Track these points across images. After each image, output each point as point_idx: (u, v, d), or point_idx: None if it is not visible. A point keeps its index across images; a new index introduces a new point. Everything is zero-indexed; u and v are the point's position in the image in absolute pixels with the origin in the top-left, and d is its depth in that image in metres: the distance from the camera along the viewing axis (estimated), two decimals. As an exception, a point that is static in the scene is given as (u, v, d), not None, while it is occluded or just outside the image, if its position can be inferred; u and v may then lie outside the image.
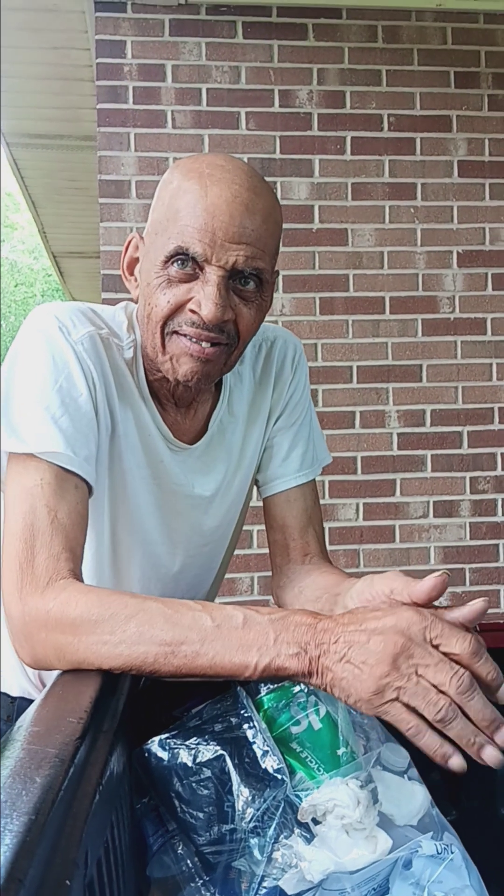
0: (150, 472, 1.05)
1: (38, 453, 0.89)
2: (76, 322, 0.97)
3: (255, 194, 0.93)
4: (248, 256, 0.92)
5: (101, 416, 0.97)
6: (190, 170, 0.94)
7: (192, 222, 0.91)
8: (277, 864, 0.74)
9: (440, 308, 3.04)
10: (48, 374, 0.93)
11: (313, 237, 3.00)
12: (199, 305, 0.92)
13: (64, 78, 3.62)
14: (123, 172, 2.93)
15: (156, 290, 0.95)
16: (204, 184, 0.91)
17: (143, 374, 1.03)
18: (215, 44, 2.96)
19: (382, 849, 0.74)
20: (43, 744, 0.56)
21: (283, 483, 1.18)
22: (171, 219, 0.93)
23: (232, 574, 2.88)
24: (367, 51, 3.02)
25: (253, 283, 0.95)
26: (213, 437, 1.12)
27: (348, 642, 0.72)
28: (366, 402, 3.01)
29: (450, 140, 3.05)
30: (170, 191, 0.95)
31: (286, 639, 0.74)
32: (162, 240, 0.94)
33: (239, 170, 0.94)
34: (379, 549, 3.01)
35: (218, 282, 0.92)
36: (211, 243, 0.90)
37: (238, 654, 0.75)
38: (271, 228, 0.95)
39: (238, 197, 0.91)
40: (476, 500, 3.04)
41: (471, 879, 0.77)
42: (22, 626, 0.83)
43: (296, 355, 1.20)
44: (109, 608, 0.79)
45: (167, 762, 0.78)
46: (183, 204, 0.92)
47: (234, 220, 0.90)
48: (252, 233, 0.92)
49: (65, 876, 0.43)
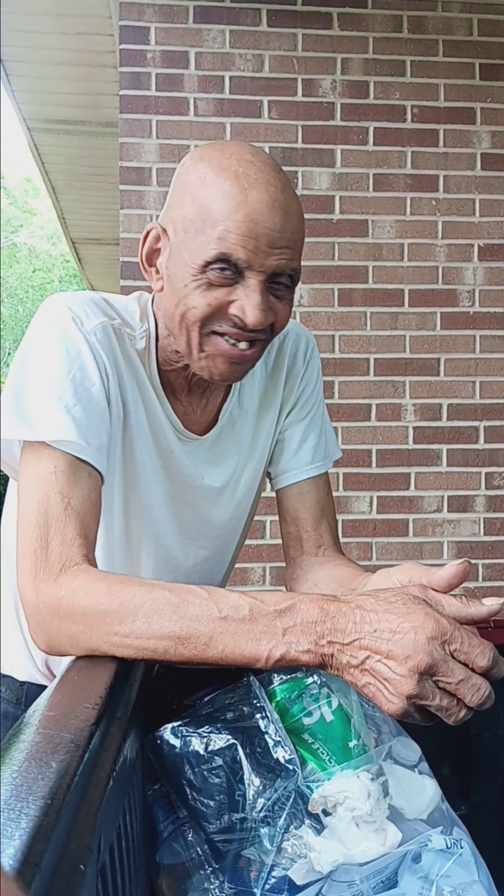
0: (161, 462, 1.06)
1: (51, 442, 0.89)
2: (89, 312, 0.97)
3: (288, 195, 0.93)
4: (288, 259, 0.92)
5: (114, 406, 0.97)
6: (222, 167, 0.92)
7: (234, 228, 0.89)
8: (287, 854, 0.74)
9: (460, 302, 3.03)
10: (61, 365, 0.93)
11: (333, 228, 2.99)
12: (244, 311, 0.92)
13: (87, 64, 3.62)
14: (145, 159, 2.92)
15: (193, 291, 0.93)
16: (242, 186, 0.90)
17: (155, 364, 1.04)
18: (239, 31, 2.94)
19: (392, 842, 0.74)
20: (58, 728, 0.56)
21: (294, 475, 1.18)
22: (206, 221, 0.91)
23: (244, 564, 2.88)
24: (392, 41, 3.00)
25: (288, 282, 0.95)
26: (223, 430, 1.12)
27: (365, 648, 0.71)
28: (382, 395, 3.00)
29: (473, 132, 3.03)
30: (200, 187, 0.93)
31: (294, 632, 0.74)
32: (199, 242, 0.92)
33: (268, 166, 0.93)
34: (392, 542, 3.00)
35: (261, 288, 0.92)
36: (255, 250, 0.90)
37: (248, 647, 0.75)
38: (302, 227, 0.96)
39: (276, 200, 0.90)
40: (491, 495, 3.03)
41: (479, 875, 0.77)
42: (36, 614, 0.84)
43: (308, 348, 1.19)
44: (118, 597, 0.79)
45: (179, 750, 0.79)
46: (221, 207, 0.90)
47: (276, 226, 0.90)
48: (290, 236, 0.92)
49: (79, 860, 0.43)
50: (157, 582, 0.82)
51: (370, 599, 0.74)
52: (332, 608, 0.75)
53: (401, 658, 0.69)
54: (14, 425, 0.90)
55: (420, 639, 0.69)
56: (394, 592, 0.75)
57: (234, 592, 0.79)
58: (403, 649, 0.69)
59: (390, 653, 0.70)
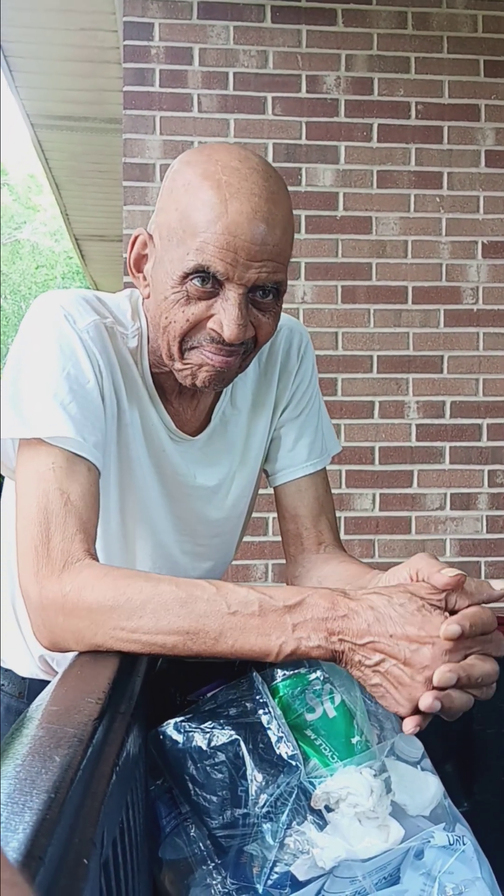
0: (153, 461, 1.05)
1: (47, 438, 0.89)
2: (81, 311, 0.97)
3: (274, 203, 0.90)
4: (269, 272, 0.90)
5: (108, 404, 0.97)
6: (205, 174, 0.90)
7: (213, 240, 0.88)
8: (289, 850, 0.74)
9: (463, 299, 3.02)
10: (56, 362, 0.93)
11: (337, 225, 2.98)
12: (221, 326, 0.91)
13: (90, 60, 3.62)
14: (148, 156, 2.92)
15: (173, 305, 0.93)
16: (223, 197, 0.88)
17: (146, 363, 1.03)
18: (243, 27, 2.94)
19: (394, 838, 0.75)
20: (62, 723, 0.56)
21: (291, 473, 1.17)
22: (187, 231, 0.90)
23: (246, 561, 2.88)
24: (397, 37, 2.99)
25: (272, 295, 0.94)
26: (216, 430, 1.11)
27: (380, 651, 0.74)
28: (385, 393, 3.00)
29: (478, 129, 3.02)
30: (183, 195, 0.91)
31: (305, 628, 0.75)
32: (179, 252, 0.91)
33: (255, 173, 0.90)
34: (395, 539, 3.00)
35: (239, 301, 0.90)
36: (233, 262, 0.88)
37: (259, 642, 0.76)
38: (289, 236, 0.93)
39: (258, 211, 0.88)
40: (494, 493, 3.02)
41: (482, 871, 0.77)
42: (40, 610, 0.84)
43: (301, 344, 1.17)
44: (124, 593, 0.79)
45: (182, 745, 0.79)
46: (201, 217, 0.89)
47: (256, 239, 0.88)
48: (273, 248, 0.90)
49: (83, 855, 0.43)
50: (163, 576, 0.82)
51: (382, 600, 0.75)
52: (343, 605, 0.76)
53: (419, 667, 0.72)
54: (11, 423, 0.90)
55: (438, 650, 0.72)
56: (406, 595, 0.76)
57: (243, 587, 0.79)
58: (422, 659, 0.72)
59: (408, 660, 0.72)
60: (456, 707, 0.72)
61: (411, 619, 0.73)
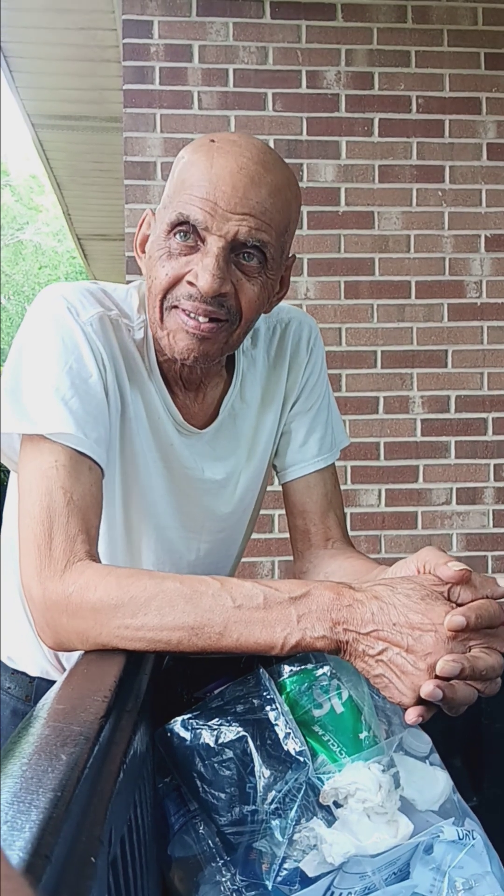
0: (160, 454, 1.05)
1: (49, 435, 0.88)
2: (85, 303, 0.96)
3: (265, 168, 0.91)
4: (251, 227, 0.90)
5: (112, 397, 0.96)
6: (201, 144, 0.94)
7: (196, 192, 0.89)
8: (298, 846, 0.74)
9: (467, 293, 3.01)
10: (58, 356, 0.92)
11: (339, 220, 2.98)
12: (196, 277, 0.90)
13: (90, 59, 3.61)
14: (149, 154, 2.91)
15: (156, 262, 0.94)
16: (211, 156, 0.90)
17: (154, 355, 1.02)
18: (243, 24, 2.93)
19: (403, 833, 0.74)
20: (68, 721, 0.56)
21: (301, 469, 1.16)
22: (176, 190, 0.92)
23: (253, 558, 2.88)
24: (396, 31, 2.98)
25: (256, 257, 0.93)
26: (224, 423, 1.10)
27: (383, 639, 0.73)
28: (390, 388, 2.99)
29: (479, 122, 3.01)
30: (180, 166, 0.95)
31: (309, 619, 0.75)
32: (167, 211, 0.93)
33: (251, 145, 0.92)
34: (401, 535, 3.00)
35: (217, 252, 0.90)
36: (212, 211, 0.89)
37: (263, 634, 0.75)
38: (279, 204, 0.92)
39: (244, 169, 0.89)
40: (500, 487, 3.02)
41: (492, 866, 0.77)
42: (43, 611, 0.83)
43: (311, 337, 1.17)
44: (128, 591, 0.79)
45: (189, 742, 0.78)
46: (188, 175, 0.91)
47: (238, 191, 0.89)
48: (256, 205, 0.90)
49: (90, 853, 0.43)
50: (167, 574, 0.82)
51: (387, 590, 0.75)
52: (348, 596, 0.75)
53: (422, 654, 0.71)
54: (12, 419, 0.89)
55: (441, 637, 0.71)
56: (411, 584, 0.76)
57: (248, 581, 0.79)
58: (425, 646, 0.71)
59: (411, 647, 0.72)
60: (459, 699, 0.71)
61: (415, 606, 0.73)
